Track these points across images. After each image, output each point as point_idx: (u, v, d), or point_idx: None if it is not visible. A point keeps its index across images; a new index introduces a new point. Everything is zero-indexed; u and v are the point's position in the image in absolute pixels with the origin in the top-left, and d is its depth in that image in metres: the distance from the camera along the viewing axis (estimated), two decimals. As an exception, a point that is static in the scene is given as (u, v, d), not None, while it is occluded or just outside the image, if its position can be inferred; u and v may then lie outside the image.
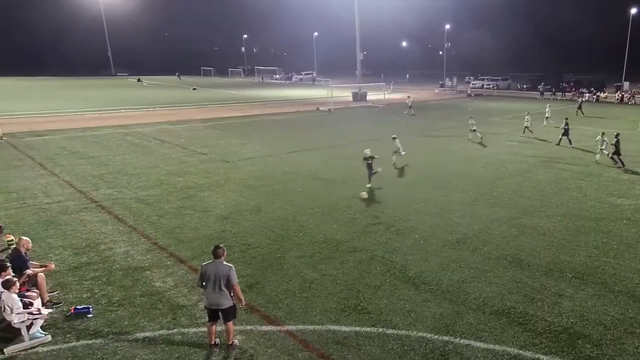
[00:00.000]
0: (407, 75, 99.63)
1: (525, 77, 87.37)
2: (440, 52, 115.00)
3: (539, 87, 66.38)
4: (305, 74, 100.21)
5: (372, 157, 17.74)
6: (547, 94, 63.78)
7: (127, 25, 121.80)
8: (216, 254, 7.93)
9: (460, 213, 15.28)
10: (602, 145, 22.52)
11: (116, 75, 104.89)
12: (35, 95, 57.58)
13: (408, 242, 12.85)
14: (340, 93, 56.93)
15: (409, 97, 46.73)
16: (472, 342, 8.42)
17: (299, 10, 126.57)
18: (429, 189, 18.04)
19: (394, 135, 22.04)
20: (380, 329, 8.76)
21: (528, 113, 31.47)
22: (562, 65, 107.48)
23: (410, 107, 43.24)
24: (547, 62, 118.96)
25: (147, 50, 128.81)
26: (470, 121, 30.14)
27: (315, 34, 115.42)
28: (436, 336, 8.57)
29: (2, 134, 28.54)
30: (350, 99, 55.78)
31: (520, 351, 8.16)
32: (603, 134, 22.94)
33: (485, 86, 79.36)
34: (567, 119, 27.56)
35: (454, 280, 10.70)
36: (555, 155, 24.51)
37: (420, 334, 8.64)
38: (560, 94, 66.22)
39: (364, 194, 16.79)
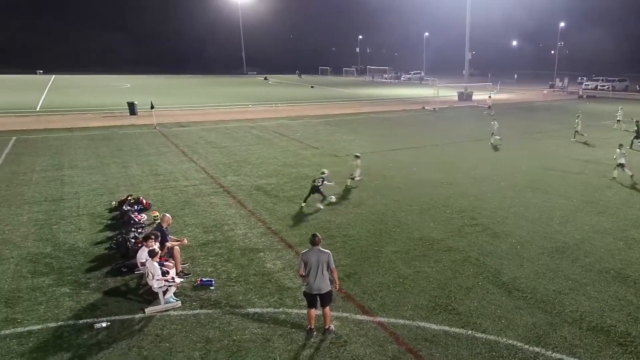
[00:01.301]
0: (515, 75, 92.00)
1: None
2: (552, 52, 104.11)
3: None
4: (414, 74, 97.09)
5: (322, 180, 15.02)
6: None
7: (259, 28, 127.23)
8: (314, 241, 7.93)
9: (562, 220, 13.88)
10: None
11: (247, 74, 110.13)
12: (181, 92, 62.09)
13: (504, 246, 11.97)
14: (446, 92, 54.75)
15: (489, 97, 44.56)
16: (565, 357, 7.61)
17: (412, 10, 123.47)
18: (529, 193, 16.69)
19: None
20: (470, 332, 8.26)
21: (578, 116, 28.38)
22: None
23: (490, 107, 40.86)
24: None
25: (275, 50, 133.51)
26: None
27: (426, 34, 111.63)
28: (527, 346, 7.86)
29: (156, 124, 31.38)
30: (456, 98, 53.15)
31: (618, 373, 7.12)
32: None
33: (599, 87, 70.11)
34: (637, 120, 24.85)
35: (550, 290, 9.74)
36: None
37: (510, 341, 7.99)
38: None
39: (319, 206, 14.89)
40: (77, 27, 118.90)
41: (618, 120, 32.25)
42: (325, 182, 15.08)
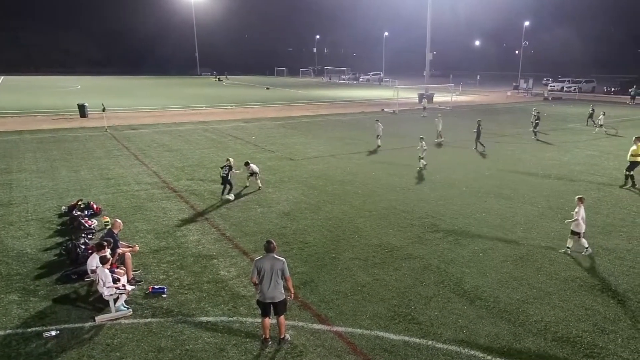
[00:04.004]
0: (478, 77, 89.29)
1: (614, 80, 76.48)
2: (517, 52, 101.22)
3: (630, 90, 56.21)
4: (373, 75, 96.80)
5: (228, 167, 15.61)
6: (639, 98, 54.45)
7: (213, 28, 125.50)
8: (270, 248, 7.82)
9: (526, 227, 13.61)
10: None
11: (201, 75, 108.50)
12: (134, 93, 60.78)
13: (466, 253, 11.75)
14: (406, 94, 54.46)
15: (425, 99, 44.78)
16: (530, 370, 7.46)
17: (371, 10, 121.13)
18: (492, 198, 16.34)
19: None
20: (430, 342, 8.11)
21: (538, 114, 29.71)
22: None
23: (424, 109, 41.05)
24: None
25: (229, 51, 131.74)
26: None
27: (386, 33, 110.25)
28: (489, 357, 7.73)
29: (107, 126, 30.69)
30: (417, 100, 51.35)
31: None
32: None
33: (565, 89, 68.60)
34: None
35: (514, 299, 9.55)
36: None
37: (472, 352, 7.84)
38: None
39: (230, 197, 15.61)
40: (28, 26, 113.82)
41: (601, 125, 31.58)
42: (232, 170, 15.41)
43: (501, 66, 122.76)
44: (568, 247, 11.79)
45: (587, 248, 11.66)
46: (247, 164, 17.18)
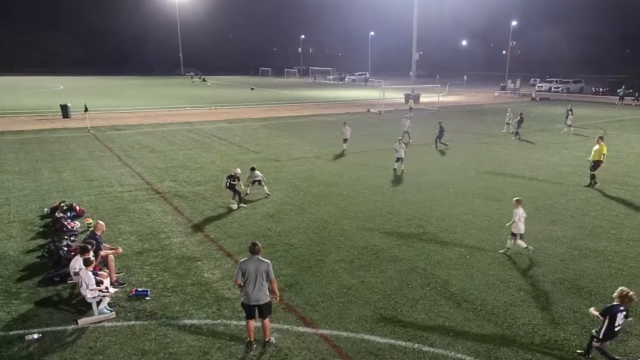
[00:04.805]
0: (465, 77, 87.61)
1: (603, 80, 74.65)
2: (504, 52, 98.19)
3: (619, 90, 55.67)
4: (359, 75, 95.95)
5: (235, 177, 15.25)
6: (628, 99, 53.48)
7: (198, 28, 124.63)
8: (254, 250, 7.76)
9: None
10: None
11: (185, 75, 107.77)
12: (117, 93, 60.09)
13: (452, 255, 11.66)
14: (392, 94, 54.08)
15: (411, 99, 44.54)
16: (517, 373, 7.44)
17: (357, 9, 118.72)
18: (479, 200, 16.19)
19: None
20: (416, 345, 8.06)
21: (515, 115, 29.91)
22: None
23: (411, 109, 40.59)
24: (631, 62, 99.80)
25: (214, 51, 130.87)
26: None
27: (372, 33, 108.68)
28: None
29: (90, 127, 30.40)
30: (403, 101, 50.91)
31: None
32: None
33: (553, 89, 68.17)
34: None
35: (501, 301, 9.48)
36: (632, 170, 20.93)
37: (459, 355, 7.79)
38: None
39: (234, 206, 15.21)
40: (8, 25, 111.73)
41: (569, 125, 31.75)
42: (239, 181, 15.35)
43: (488, 66, 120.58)
44: (508, 248, 11.78)
45: (525, 248, 11.55)
46: (253, 169, 16.77)
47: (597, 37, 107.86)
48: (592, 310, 7.71)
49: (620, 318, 7.25)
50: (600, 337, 7.39)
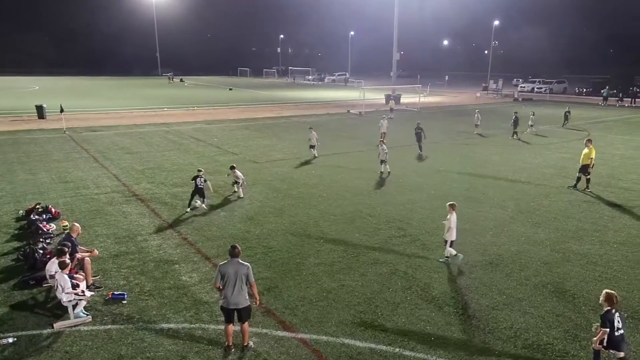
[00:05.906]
0: (447, 77, 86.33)
1: (586, 80, 74.97)
2: (486, 52, 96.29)
3: (602, 91, 55.18)
4: (338, 75, 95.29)
5: (197, 177, 15.03)
6: (612, 100, 53.13)
7: (175, 28, 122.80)
8: (234, 253, 7.68)
9: (496, 231, 13.34)
10: None
11: (162, 75, 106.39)
12: (95, 94, 59.09)
13: (434, 258, 11.56)
14: (373, 95, 53.63)
15: (392, 100, 44.33)
16: (500, 377, 7.35)
17: (336, 8, 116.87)
18: (461, 202, 15.30)
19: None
20: (397, 349, 7.95)
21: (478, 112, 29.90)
22: (634, 66, 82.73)
23: (391, 110, 40.45)
24: (614, 62, 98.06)
25: (192, 51, 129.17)
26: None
27: (352, 33, 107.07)
28: None
29: (66, 128, 29.93)
30: (383, 101, 49.71)
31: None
32: None
33: (536, 90, 67.60)
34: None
35: (483, 305, 9.35)
36: (616, 172, 20.83)
37: None
38: (630, 100, 53.34)
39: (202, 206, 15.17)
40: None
41: (531, 126, 31.52)
42: (206, 182, 15.27)
43: (470, 66, 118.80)
44: (447, 257, 11.49)
45: (453, 256, 11.29)
46: (232, 167, 16.59)
47: (581, 37, 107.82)
48: (594, 329, 7.41)
49: (617, 321, 7.07)
50: (604, 345, 7.13)
